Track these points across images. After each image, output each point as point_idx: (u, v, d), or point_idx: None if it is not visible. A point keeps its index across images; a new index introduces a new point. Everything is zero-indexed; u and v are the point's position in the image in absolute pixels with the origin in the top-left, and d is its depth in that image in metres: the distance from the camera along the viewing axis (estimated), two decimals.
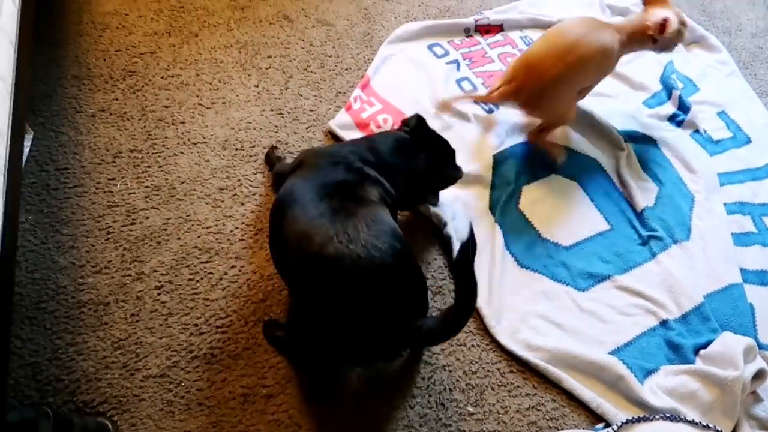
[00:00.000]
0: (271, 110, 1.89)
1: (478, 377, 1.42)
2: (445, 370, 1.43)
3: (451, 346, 1.46)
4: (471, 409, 1.37)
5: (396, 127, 1.77)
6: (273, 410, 1.34)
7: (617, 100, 2.03)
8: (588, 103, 1.93)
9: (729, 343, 1.43)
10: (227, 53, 2.02)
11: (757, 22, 2.40)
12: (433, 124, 1.87)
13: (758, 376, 1.39)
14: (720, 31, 2.33)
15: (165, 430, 1.29)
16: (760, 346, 1.50)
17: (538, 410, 1.39)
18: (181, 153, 1.75)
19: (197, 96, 1.89)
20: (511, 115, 1.90)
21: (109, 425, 1.29)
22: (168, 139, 1.77)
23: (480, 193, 1.73)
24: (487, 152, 1.82)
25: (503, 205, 1.70)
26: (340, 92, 1.96)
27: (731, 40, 2.31)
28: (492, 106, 1.95)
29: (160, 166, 1.71)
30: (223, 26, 2.10)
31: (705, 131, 1.97)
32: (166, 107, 1.84)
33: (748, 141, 1.97)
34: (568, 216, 1.71)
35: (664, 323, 1.53)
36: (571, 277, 1.60)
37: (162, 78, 1.91)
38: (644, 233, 1.67)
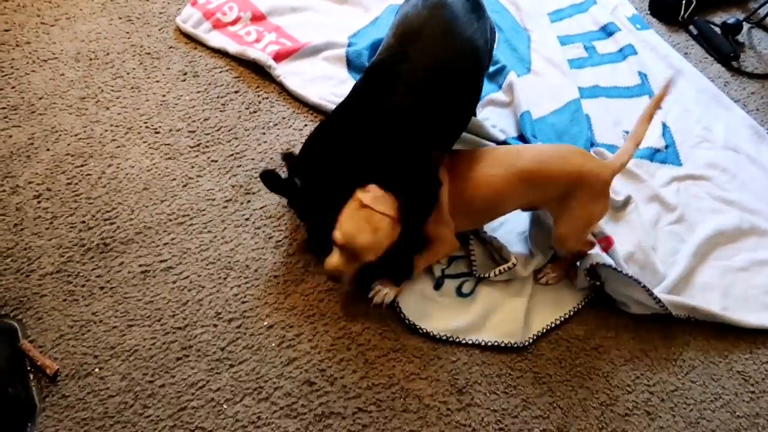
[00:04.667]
0: (120, 18, 1.87)
1: None
2: None
3: None
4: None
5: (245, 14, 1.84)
6: (174, 279, 1.42)
7: None
8: None
9: None
10: None
11: None
12: (284, 5, 1.95)
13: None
14: None
15: (72, 317, 1.34)
16: (595, 144, 1.73)
17: None
18: (33, 71, 1.72)
19: (38, 16, 1.84)
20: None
21: (15, 324, 1.33)
22: (15, 60, 1.73)
23: (339, 67, 1.82)
24: (343, 34, 1.90)
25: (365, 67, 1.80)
26: None
27: None
28: None
29: (12, 87, 1.68)
30: None
31: None
32: (7, 31, 1.79)
33: None
34: None
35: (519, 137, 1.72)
36: None
37: None
38: (490, 68, 1.84)
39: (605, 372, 1.38)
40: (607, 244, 1.50)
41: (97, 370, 1.28)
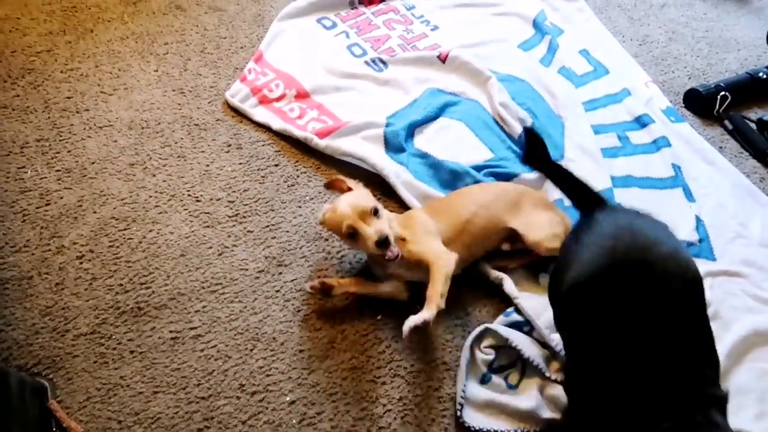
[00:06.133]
0: (173, 90, 1.99)
1: None
2: None
3: None
4: None
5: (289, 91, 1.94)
6: (202, 347, 1.44)
7: (497, 46, 2.26)
8: (470, 52, 2.16)
9: None
10: (124, 44, 2.11)
11: None
12: (328, 85, 2.04)
13: None
14: None
15: (101, 379, 1.37)
16: None
17: None
18: (89, 137, 1.82)
19: (98, 85, 1.97)
20: (402, 74, 2.10)
21: (46, 384, 1.36)
22: (74, 126, 1.84)
23: (376, 146, 1.88)
24: (382, 114, 1.97)
25: (401, 148, 1.86)
26: (237, 68, 2.08)
27: None
28: (381, 65, 2.14)
29: (68, 151, 1.78)
30: (117, 20, 2.18)
31: (569, 68, 2.22)
32: (69, 98, 1.91)
33: (607, 72, 2.24)
34: (458, 150, 1.88)
35: None
36: None
37: (61, 72, 1.98)
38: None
39: None
40: None
41: None
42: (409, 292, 1.52)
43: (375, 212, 1.40)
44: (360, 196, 1.45)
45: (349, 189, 1.50)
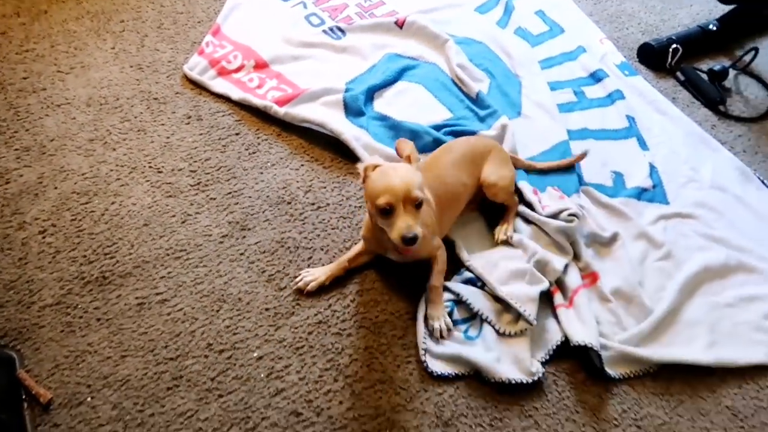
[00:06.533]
0: (131, 66, 1.99)
1: None
2: None
3: None
4: None
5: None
6: (169, 311, 1.46)
7: (454, 10, 2.29)
8: (427, 17, 2.19)
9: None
10: (79, 23, 2.10)
11: None
12: (286, 54, 2.05)
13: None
14: None
15: (68, 347, 1.38)
16: (584, 183, 1.77)
17: None
18: (47, 115, 1.82)
19: (55, 65, 1.96)
20: (360, 41, 2.11)
21: (13, 355, 1.37)
22: (31, 105, 1.84)
23: (336, 111, 1.89)
24: (341, 80, 1.99)
25: (361, 112, 1.88)
26: (195, 42, 2.09)
27: None
28: (339, 33, 2.15)
29: (26, 130, 1.78)
30: (72, 1, 2.17)
31: (526, 28, 2.25)
32: (25, 78, 1.90)
33: (562, 31, 2.28)
34: (417, 112, 1.91)
35: None
36: None
37: (16, 54, 1.97)
38: (481, 113, 1.91)
39: (592, 405, 1.38)
40: (592, 279, 1.53)
41: (89, 399, 1.31)
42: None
43: (419, 205, 1.30)
44: (415, 177, 1.31)
45: (409, 159, 1.37)
